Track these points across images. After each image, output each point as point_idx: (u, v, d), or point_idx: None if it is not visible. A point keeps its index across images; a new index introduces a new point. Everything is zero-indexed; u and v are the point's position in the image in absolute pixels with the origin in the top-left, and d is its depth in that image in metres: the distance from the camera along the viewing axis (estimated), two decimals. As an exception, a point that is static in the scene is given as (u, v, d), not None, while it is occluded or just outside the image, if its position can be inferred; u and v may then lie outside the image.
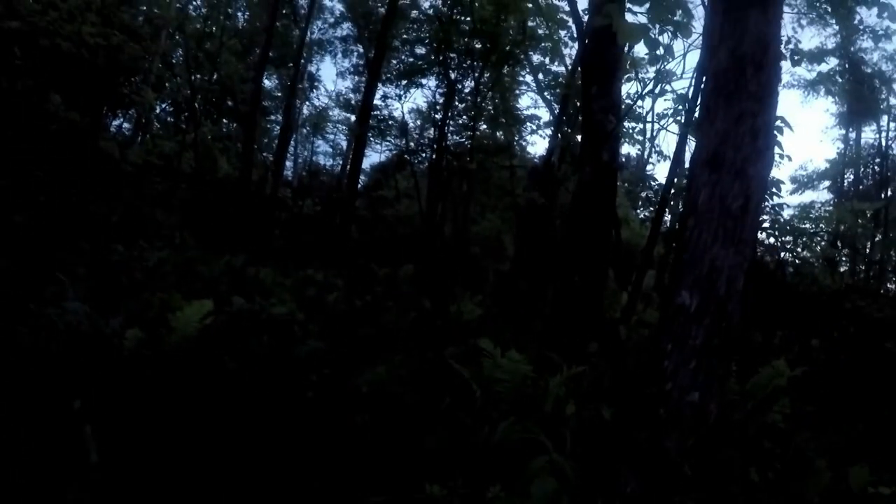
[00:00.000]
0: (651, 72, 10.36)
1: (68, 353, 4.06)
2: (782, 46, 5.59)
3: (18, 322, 4.18)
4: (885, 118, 24.04)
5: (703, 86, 3.94)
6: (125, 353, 4.27)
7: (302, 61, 22.93)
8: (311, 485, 3.90)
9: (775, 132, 5.08)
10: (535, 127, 19.11)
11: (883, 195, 22.77)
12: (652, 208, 19.70)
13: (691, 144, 11.42)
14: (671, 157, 12.28)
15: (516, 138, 20.34)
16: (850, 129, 25.97)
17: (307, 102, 30.38)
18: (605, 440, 4.93)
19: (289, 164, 29.11)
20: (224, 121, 26.12)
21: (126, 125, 23.14)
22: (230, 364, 5.07)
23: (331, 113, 30.96)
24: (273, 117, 28.34)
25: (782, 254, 13.53)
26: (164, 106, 24.71)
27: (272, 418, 4.64)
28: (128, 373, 4.16)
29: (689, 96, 9.52)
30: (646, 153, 22.69)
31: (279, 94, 27.87)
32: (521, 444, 4.82)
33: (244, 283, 7.62)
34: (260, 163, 22.46)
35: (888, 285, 22.60)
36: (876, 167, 24.93)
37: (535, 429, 5.02)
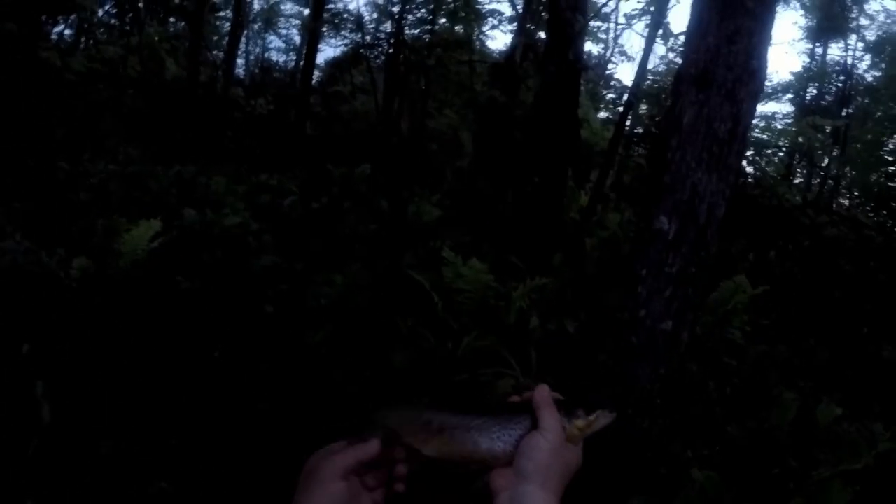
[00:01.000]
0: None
1: (12, 295, 3.77)
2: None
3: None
4: (853, 37, 24.00)
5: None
6: (73, 286, 4.00)
7: (251, -49, 21.58)
8: (277, 408, 3.76)
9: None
10: (496, 22, 18.48)
11: (844, 112, 22.95)
12: (615, 108, 19.50)
13: (657, 48, 11.14)
14: (635, 57, 11.99)
15: (476, 33, 19.66)
16: (817, 45, 25.86)
17: (258, -3, 28.88)
18: (570, 360, 4.89)
19: (240, 62, 27.98)
20: (171, 20, 24.68)
21: (67, 31, 21.75)
22: (184, 284, 4.85)
23: (283, 7, 29.59)
24: (223, 13, 26.88)
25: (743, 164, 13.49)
26: (106, 8, 23.17)
27: (231, 339, 4.47)
28: (77, 306, 3.91)
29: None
30: (608, 53, 22.26)
31: (228, -11, 26.34)
32: (485, 360, 4.75)
33: (195, 194, 7.27)
34: (210, 62, 21.39)
35: (841, 201, 23.10)
36: (839, 84, 24.98)
37: (499, 344, 4.95)
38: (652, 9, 9.51)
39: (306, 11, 23.67)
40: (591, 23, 11.29)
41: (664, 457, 3.58)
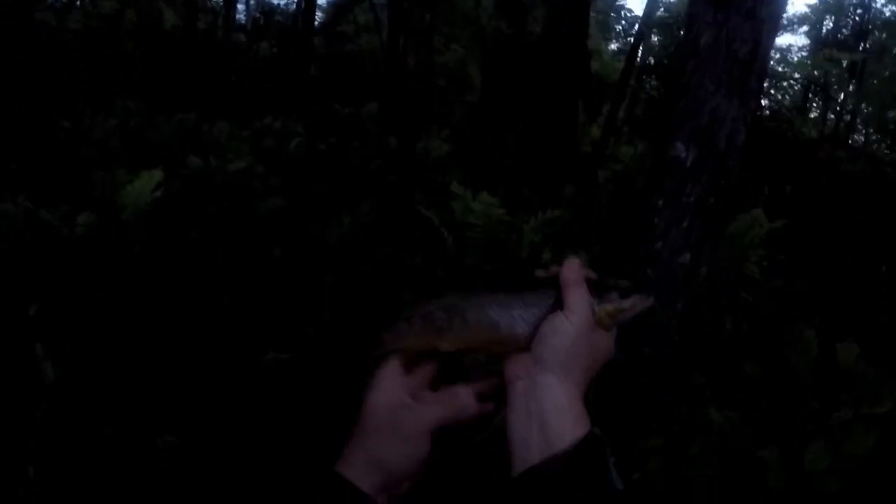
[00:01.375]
0: None
1: (16, 257, 3.69)
2: None
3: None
4: (872, -32, 23.33)
5: None
6: (77, 242, 3.91)
7: None
8: (288, 355, 3.70)
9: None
10: (502, -50, 17.90)
11: (861, 47, 22.42)
12: (626, 39, 19.03)
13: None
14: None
15: (481, -37, 19.13)
16: (835, -25, 25.14)
17: (257, -65, 28.16)
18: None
19: (241, 6, 27.42)
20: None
21: (63, -10, 21.34)
22: (191, 233, 4.77)
23: (284, -55, 28.88)
24: (222, -44, 26.29)
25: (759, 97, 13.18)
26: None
27: (239, 284, 4.41)
28: (83, 262, 3.83)
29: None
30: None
31: (225, -69, 25.66)
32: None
33: (198, 141, 7.13)
34: (209, 9, 20.99)
35: (856, 136, 22.77)
36: (857, 18, 24.36)
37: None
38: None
39: (306, -51, 23.06)
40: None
41: (682, 394, 3.51)
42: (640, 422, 3.16)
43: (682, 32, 4.79)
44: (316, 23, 19.70)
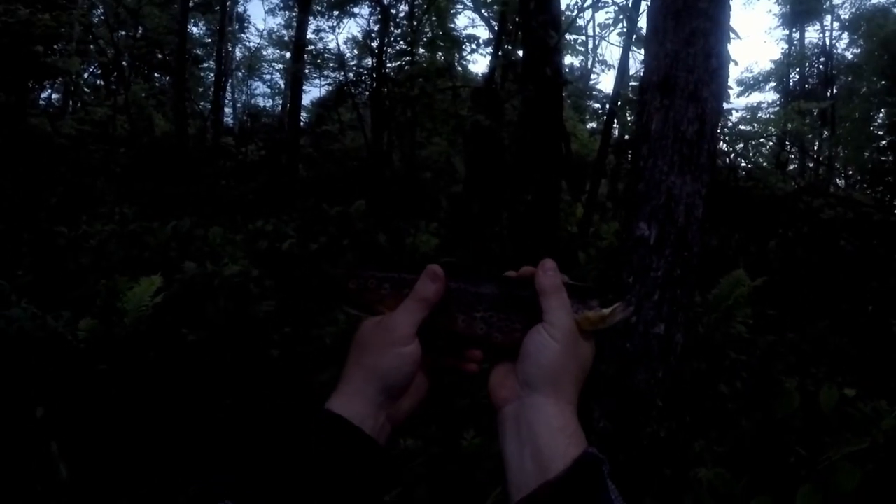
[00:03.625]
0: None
1: (22, 360, 3.85)
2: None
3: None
4: (828, 17, 24.28)
5: (649, 3, 3.73)
6: (80, 347, 4.08)
7: (228, 3, 21.94)
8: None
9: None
10: (474, 47, 18.71)
11: (829, 93, 23.12)
12: (600, 119, 19.62)
13: (635, 55, 11.29)
14: (615, 66, 12.13)
15: (457, 59, 19.89)
16: (794, 29, 26.16)
17: (239, 45, 29.39)
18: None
19: (228, 110, 28.34)
20: (156, 75, 25.08)
21: (55, 96, 22.15)
22: (189, 336, 4.93)
23: (265, 52, 30.20)
24: (206, 65, 27.32)
25: (733, 157, 13.58)
26: (91, 70, 23.61)
27: (239, 385, 4.54)
28: (86, 367, 3.99)
29: (630, 5, 9.31)
30: (589, 63, 22.44)
31: (210, 41, 26.77)
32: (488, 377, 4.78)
33: (193, 246, 7.37)
34: (197, 113, 21.69)
35: (837, 181, 23.18)
36: (820, 66, 25.20)
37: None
38: (623, 18, 9.64)
39: (288, 55, 24.02)
40: (568, 36, 11.45)
41: (672, 457, 3.61)
42: (633, 486, 3.26)
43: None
44: (301, 123, 20.34)
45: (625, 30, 10.18)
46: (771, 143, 18.06)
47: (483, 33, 19.36)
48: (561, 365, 0.77)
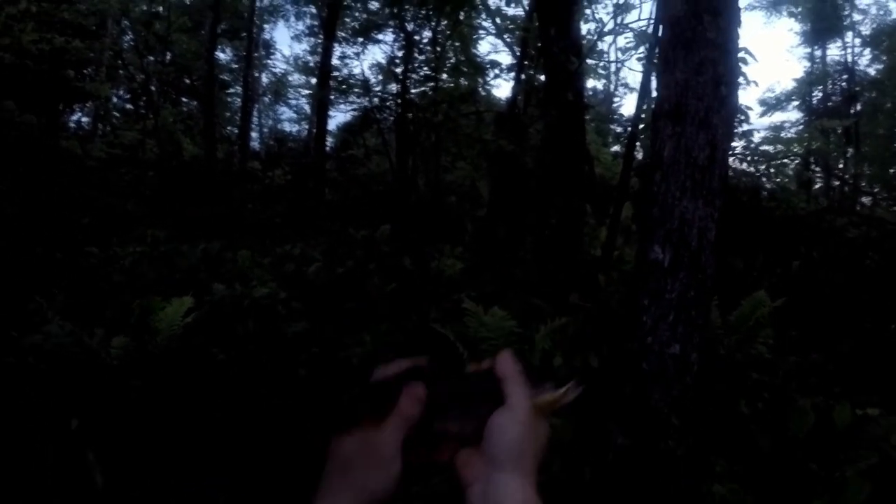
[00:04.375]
0: (609, 6, 10.29)
1: (58, 375, 4.04)
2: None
3: (3, 353, 4.15)
4: (849, 34, 24.10)
5: (660, 34, 3.87)
6: (114, 363, 4.26)
7: (255, 29, 22.44)
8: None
9: (739, 63, 5.07)
10: (497, 72, 18.92)
11: (852, 111, 22.90)
12: (623, 142, 19.66)
13: (656, 79, 11.36)
14: (637, 88, 12.22)
15: (481, 84, 20.11)
16: (816, 47, 25.99)
17: (266, 71, 29.94)
18: (595, 392, 5.02)
19: (254, 135, 28.83)
20: (184, 100, 25.63)
21: (85, 119, 22.71)
22: (219, 356, 5.09)
23: (290, 78, 30.65)
24: (233, 90, 27.89)
25: (756, 177, 13.56)
26: (121, 94, 24.22)
27: (268, 403, 4.68)
28: (119, 382, 4.16)
29: (650, 31, 9.43)
30: (612, 87, 22.57)
31: (237, 66, 27.34)
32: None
33: (223, 268, 7.58)
34: (225, 138, 22.13)
35: (862, 199, 22.88)
36: (843, 84, 24.97)
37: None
38: (643, 43, 9.75)
39: (313, 80, 24.43)
40: (589, 61, 11.59)
41: (688, 474, 3.69)
42: (646, 502, 3.34)
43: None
44: (327, 147, 20.63)
45: (645, 53, 10.29)
46: (795, 163, 17.97)
47: (505, 59, 19.60)
48: (523, 445, 0.84)
